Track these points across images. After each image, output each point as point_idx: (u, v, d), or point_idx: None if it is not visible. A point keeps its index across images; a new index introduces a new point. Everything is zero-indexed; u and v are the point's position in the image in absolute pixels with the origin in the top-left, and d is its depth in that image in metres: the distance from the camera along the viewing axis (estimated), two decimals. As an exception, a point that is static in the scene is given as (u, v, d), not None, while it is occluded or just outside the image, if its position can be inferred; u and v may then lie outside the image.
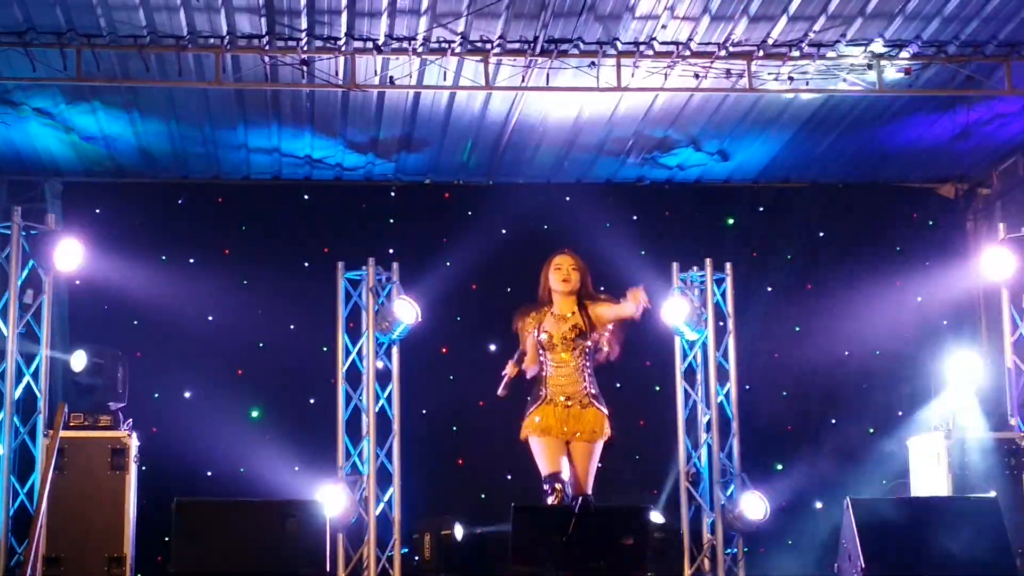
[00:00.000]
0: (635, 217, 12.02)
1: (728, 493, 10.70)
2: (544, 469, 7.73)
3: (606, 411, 7.83)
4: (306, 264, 11.69)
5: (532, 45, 9.46)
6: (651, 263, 11.25)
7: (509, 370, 7.83)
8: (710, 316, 10.84)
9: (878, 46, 9.59)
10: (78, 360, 9.93)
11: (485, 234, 11.59)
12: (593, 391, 7.81)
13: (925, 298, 11.98)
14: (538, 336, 7.83)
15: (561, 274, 7.86)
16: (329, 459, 10.51)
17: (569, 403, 7.76)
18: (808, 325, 11.97)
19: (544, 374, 7.83)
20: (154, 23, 9.10)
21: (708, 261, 10.91)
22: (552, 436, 7.72)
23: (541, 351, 7.84)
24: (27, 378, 9.89)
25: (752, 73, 9.71)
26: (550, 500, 7.61)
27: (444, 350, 11.77)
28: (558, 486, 7.60)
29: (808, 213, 12.19)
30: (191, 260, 11.61)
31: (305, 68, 9.52)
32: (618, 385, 7.93)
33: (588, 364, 7.84)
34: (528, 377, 7.91)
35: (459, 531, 10.49)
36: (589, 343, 7.82)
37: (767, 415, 11.61)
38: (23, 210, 10.04)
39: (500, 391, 7.84)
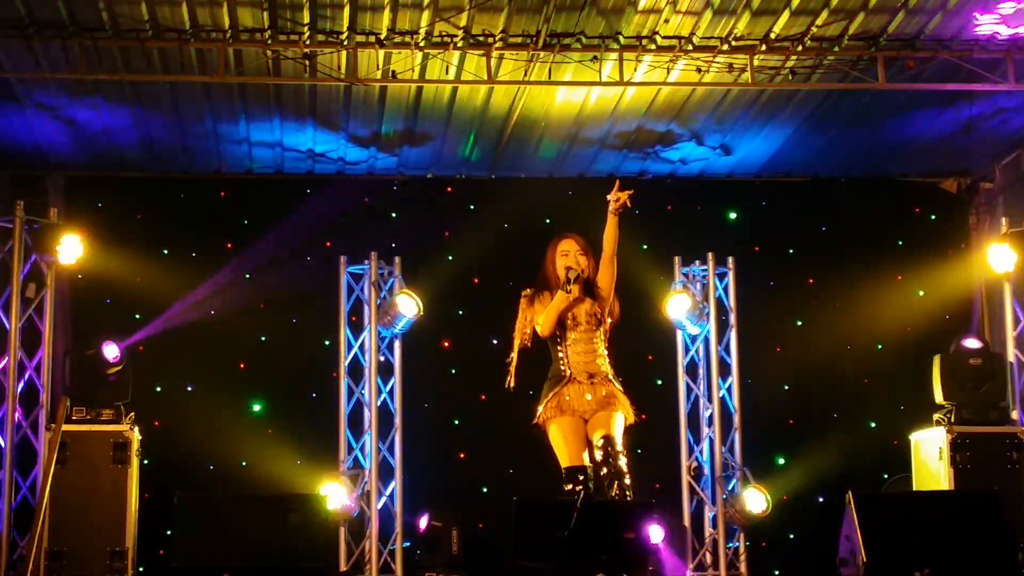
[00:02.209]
0: (637, 211, 11.84)
1: (730, 487, 10.70)
2: (564, 461, 7.51)
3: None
4: (308, 258, 11.66)
5: (534, 39, 9.45)
6: (653, 257, 11.25)
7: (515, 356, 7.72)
8: (712, 310, 10.86)
9: (881, 40, 9.59)
10: (110, 351, 9.90)
11: (487, 228, 11.59)
12: (612, 372, 7.67)
13: (927, 292, 11.97)
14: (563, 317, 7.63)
15: (569, 260, 7.72)
16: (331, 453, 10.53)
17: (593, 380, 7.60)
18: (810, 319, 11.97)
19: (563, 356, 7.63)
20: (156, 17, 9.09)
21: (710, 255, 10.93)
22: (574, 417, 7.52)
23: (560, 332, 7.65)
24: (29, 372, 9.90)
25: (755, 67, 9.71)
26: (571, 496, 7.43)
27: (446, 344, 11.76)
28: (580, 476, 7.40)
29: (810, 207, 12.17)
30: (193, 254, 11.59)
31: (307, 62, 9.52)
32: (620, 379, 7.89)
33: (605, 343, 7.71)
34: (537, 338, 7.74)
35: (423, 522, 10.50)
36: (606, 318, 7.69)
37: (769, 409, 11.60)
38: (25, 204, 10.05)
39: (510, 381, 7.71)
